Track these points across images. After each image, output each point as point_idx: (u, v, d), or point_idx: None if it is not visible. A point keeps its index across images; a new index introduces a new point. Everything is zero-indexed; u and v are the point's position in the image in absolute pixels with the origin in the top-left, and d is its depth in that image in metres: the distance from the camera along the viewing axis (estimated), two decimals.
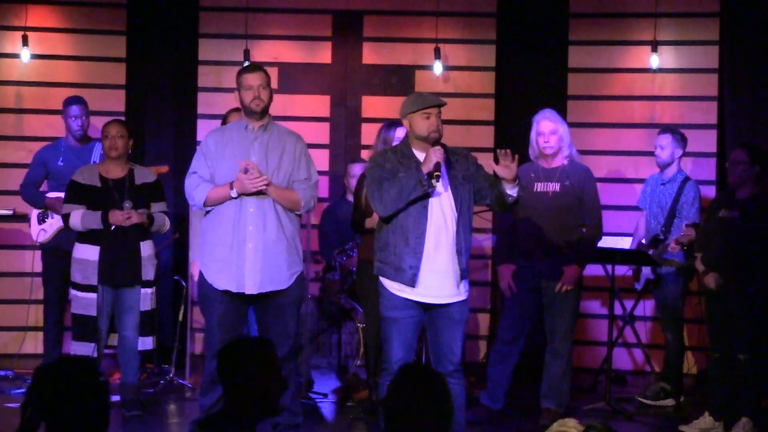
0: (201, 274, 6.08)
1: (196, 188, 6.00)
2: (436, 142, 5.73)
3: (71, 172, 7.50)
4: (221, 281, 5.97)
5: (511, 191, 5.72)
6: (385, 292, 5.79)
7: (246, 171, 5.86)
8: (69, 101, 8.00)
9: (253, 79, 6.01)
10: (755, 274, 6.58)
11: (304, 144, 6.16)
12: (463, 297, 5.79)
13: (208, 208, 6.03)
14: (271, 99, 6.08)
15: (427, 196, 5.68)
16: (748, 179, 6.63)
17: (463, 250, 5.74)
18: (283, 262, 5.99)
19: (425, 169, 5.62)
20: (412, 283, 5.70)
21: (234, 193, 5.89)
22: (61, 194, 7.54)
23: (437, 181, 5.62)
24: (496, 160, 5.74)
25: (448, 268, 5.72)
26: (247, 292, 5.95)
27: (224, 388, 3.70)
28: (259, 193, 5.91)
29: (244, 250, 5.92)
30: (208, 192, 5.96)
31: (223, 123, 7.12)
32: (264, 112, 6.03)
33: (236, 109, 7.17)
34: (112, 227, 6.84)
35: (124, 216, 6.82)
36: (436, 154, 5.63)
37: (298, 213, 6.10)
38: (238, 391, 3.66)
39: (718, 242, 6.67)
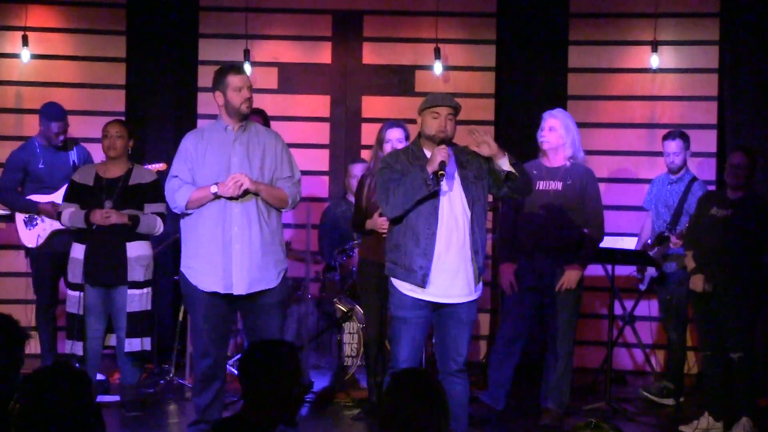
0: (183, 276, 6.07)
1: (177, 191, 5.98)
2: (442, 142, 5.72)
3: (51, 174, 7.50)
4: (207, 283, 5.95)
5: (503, 165, 5.68)
6: (396, 292, 5.81)
7: (235, 181, 5.85)
8: (48, 116, 7.75)
9: (243, 81, 5.99)
10: (747, 273, 6.62)
11: (283, 142, 6.15)
12: (474, 297, 5.80)
13: (190, 211, 6.01)
14: None
15: (434, 195, 5.67)
16: (747, 182, 6.69)
17: (480, 249, 5.74)
18: (271, 261, 6.00)
19: (430, 169, 5.61)
20: (422, 284, 5.71)
21: (214, 189, 5.87)
22: (50, 197, 7.55)
23: (441, 180, 5.61)
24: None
25: (459, 268, 5.72)
26: (235, 293, 5.94)
27: (244, 393, 3.63)
28: (245, 194, 5.90)
29: (230, 251, 5.90)
30: (190, 194, 5.94)
31: None
32: (247, 115, 6.04)
33: (256, 110, 7.16)
34: (94, 226, 6.84)
35: (102, 215, 6.81)
36: (441, 153, 5.62)
37: (283, 210, 6.10)
38: (259, 396, 3.58)
39: (711, 240, 6.71)
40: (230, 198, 5.87)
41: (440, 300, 5.76)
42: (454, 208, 5.72)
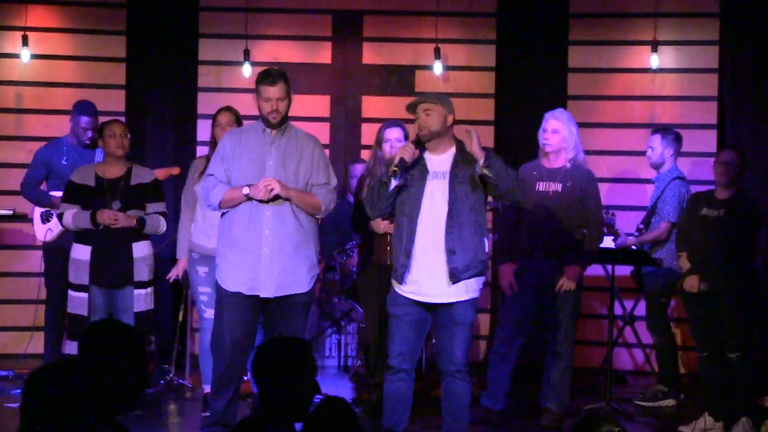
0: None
1: (212, 189, 5.99)
2: (427, 140, 5.78)
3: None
4: (232, 283, 5.95)
5: (477, 168, 5.70)
6: (391, 288, 5.89)
7: (266, 185, 5.87)
8: (80, 110, 7.85)
9: (272, 93, 5.96)
10: (742, 272, 6.62)
11: (321, 147, 6.14)
12: (459, 298, 5.78)
13: (224, 210, 6.02)
14: (289, 106, 6.05)
15: (399, 190, 5.74)
16: (736, 180, 6.70)
17: (457, 250, 5.72)
18: (303, 265, 5.99)
19: (391, 168, 5.70)
20: (401, 281, 5.78)
21: (246, 191, 5.89)
22: None
23: (394, 178, 5.68)
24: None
25: (439, 268, 5.73)
26: (262, 296, 5.94)
27: (260, 392, 3.70)
28: (276, 198, 5.90)
29: (259, 253, 5.90)
30: (224, 193, 5.96)
31: (213, 123, 7.12)
32: (282, 122, 6.03)
33: (226, 108, 7.18)
34: (101, 227, 6.84)
35: (111, 217, 6.81)
36: (400, 151, 5.72)
37: (316, 216, 6.10)
38: (275, 394, 3.65)
39: (703, 241, 6.71)
40: (262, 201, 5.88)
41: (422, 299, 5.80)
42: (436, 207, 5.75)
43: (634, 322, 8.29)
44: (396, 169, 5.66)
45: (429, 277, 5.75)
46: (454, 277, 5.73)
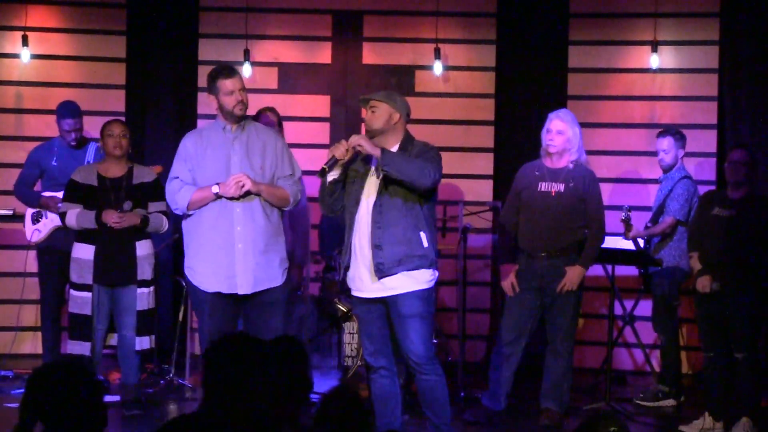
0: (186, 278, 6.08)
1: (178, 192, 5.98)
2: (371, 136, 5.78)
3: (65, 172, 7.51)
4: (210, 284, 5.95)
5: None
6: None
7: (237, 181, 5.86)
8: (62, 113, 7.85)
9: (233, 84, 5.98)
10: (752, 273, 6.61)
11: (283, 140, 6.18)
12: (398, 291, 5.73)
13: (191, 212, 6.00)
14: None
15: (337, 185, 5.77)
16: (747, 180, 6.68)
17: (385, 245, 5.69)
18: (275, 258, 6.02)
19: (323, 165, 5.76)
20: (343, 277, 5.86)
21: (215, 189, 5.88)
22: (56, 194, 7.55)
23: (324, 175, 5.72)
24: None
25: (371, 263, 5.73)
26: (240, 293, 5.94)
27: (204, 389, 3.64)
28: (246, 194, 5.90)
29: (233, 250, 5.90)
30: (191, 195, 5.94)
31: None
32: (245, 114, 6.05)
33: (269, 109, 7.20)
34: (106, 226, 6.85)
35: (117, 217, 6.81)
36: (332, 149, 5.73)
37: (285, 209, 6.11)
38: (221, 394, 3.58)
39: (714, 240, 6.69)
40: (231, 198, 5.87)
41: (356, 294, 5.84)
42: (369, 204, 5.77)
43: (634, 322, 8.29)
44: (325, 167, 5.69)
45: (364, 272, 5.77)
46: (380, 272, 5.71)
